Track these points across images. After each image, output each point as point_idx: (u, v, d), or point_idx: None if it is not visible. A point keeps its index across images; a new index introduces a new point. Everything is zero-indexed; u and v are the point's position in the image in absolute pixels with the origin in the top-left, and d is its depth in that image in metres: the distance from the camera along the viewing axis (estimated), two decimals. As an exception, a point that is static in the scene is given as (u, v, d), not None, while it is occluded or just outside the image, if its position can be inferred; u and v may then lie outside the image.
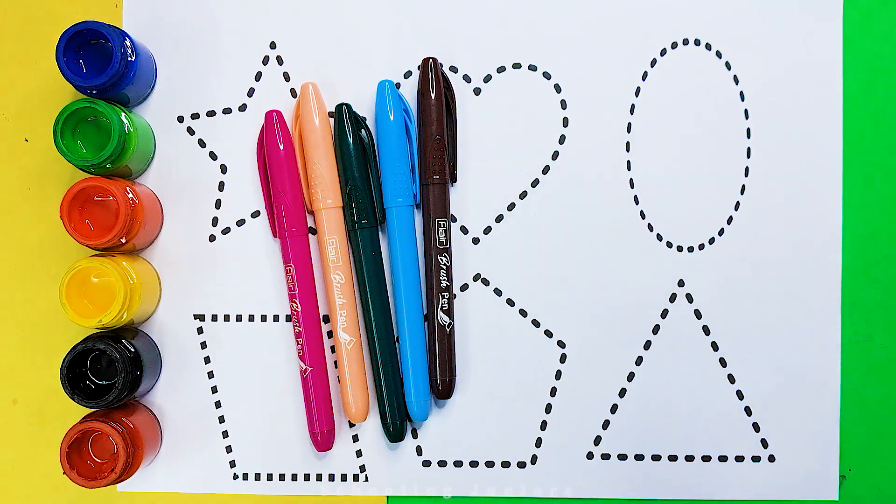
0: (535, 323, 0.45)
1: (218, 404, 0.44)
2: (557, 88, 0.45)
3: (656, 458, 0.45)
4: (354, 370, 0.43)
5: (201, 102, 0.44)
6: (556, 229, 0.45)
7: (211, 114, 0.45)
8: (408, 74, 0.45)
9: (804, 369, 0.45)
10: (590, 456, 0.45)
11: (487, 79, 0.45)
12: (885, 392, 0.45)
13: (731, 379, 0.45)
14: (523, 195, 0.45)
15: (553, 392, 0.44)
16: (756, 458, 0.45)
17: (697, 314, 0.45)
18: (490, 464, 0.45)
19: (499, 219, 0.45)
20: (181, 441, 0.44)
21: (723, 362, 0.45)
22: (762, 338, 0.45)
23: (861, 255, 0.45)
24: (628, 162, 0.45)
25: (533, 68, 0.45)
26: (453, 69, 0.45)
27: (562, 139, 0.45)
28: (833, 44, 0.45)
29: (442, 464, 0.45)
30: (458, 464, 0.45)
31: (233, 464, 0.44)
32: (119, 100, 0.42)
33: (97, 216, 0.42)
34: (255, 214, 0.45)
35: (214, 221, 0.45)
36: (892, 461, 0.45)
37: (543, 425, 0.45)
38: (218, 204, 0.45)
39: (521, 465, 0.45)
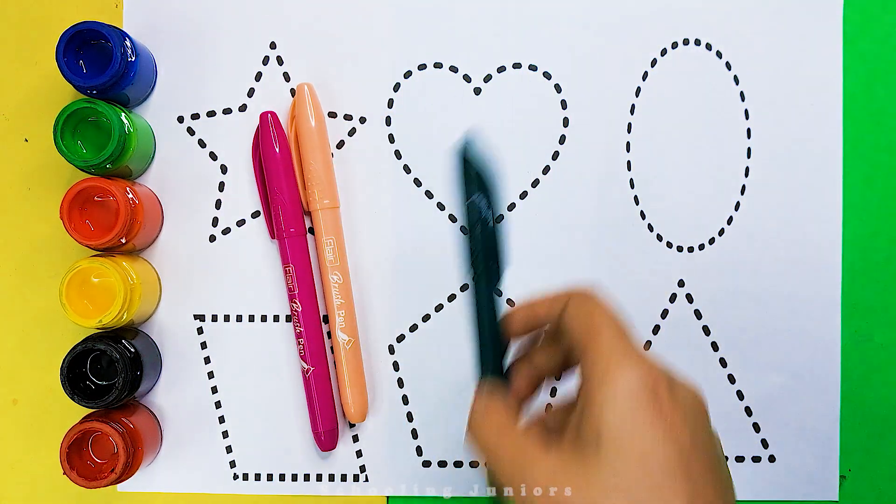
0: (536, 323, 0.45)
1: (218, 404, 0.44)
2: (558, 88, 0.45)
3: (656, 458, 0.44)
4: (353, 370, 0.43)
5: (201, 103, 0.44)
6: (556, 229, 0.45)
7: (211, 114, 0.45)
8: (408, 74, 0.45)
9: (804, 369, 0.45)
10: (590, 456, 0.44)
11: (487, 79, 0.45)
12: (885, 392, 0.45)
13: (732, 379, 0.45)
14: (523, 195, 0.45)
15: (553, 392, 0.44)
16: (756, 459, 0.45)
17: (697, 314, 0.45)
18: (490, 464, 0.45)
19: (499, 219, 0.45)
20: (181, 441, 0.44)
21: (723, 362, 0.45)
22: (762, 338, 0.45)
23: (861, 255, 0.45)
24: (628, 162, 0.45)
25: (533, 68, 0.45)
26: (453, 69, 0.45)
27: (562, 139, 0.45)
28: (833, 44, 0.45)
29: (442, 464, 0.45)
30: (458, 464, 0.45)
31: (233, 464, 0.44)
32: (119, 100, 0.42)
33: (97, 216, 0.42)
34: (256, 215, 0.45)
35: (214, 221, 0.45)
36: (892, 461, 0.45)
37: (543, 425, 0.45)
38: (218, 204, 0.45)
39: (522, 465, 0.44)
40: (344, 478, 0.44)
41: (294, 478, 0.44)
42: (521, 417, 0.32)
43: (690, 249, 0.45)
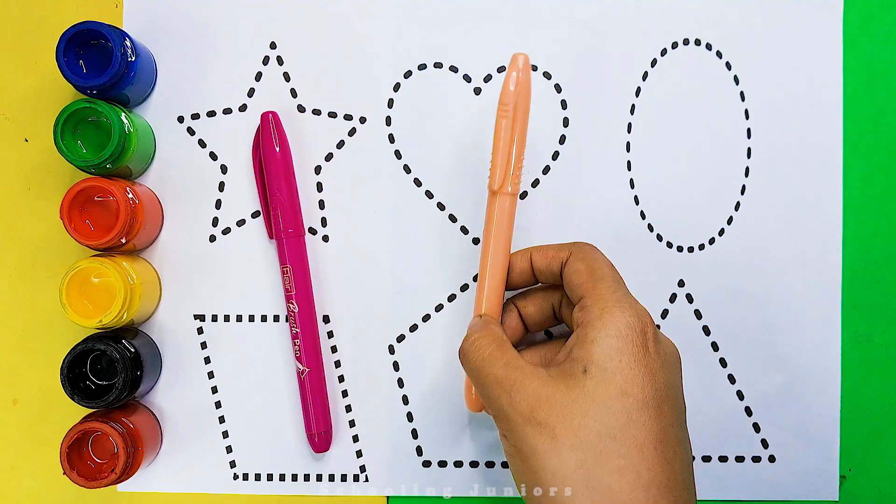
0: (536, 323, 0.45)
1: (218, 404, 0.44)
2: (558, 88, 0.45)
3: (656, 458, 0.44)
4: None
5: (201, 102, 0.45)
6: (556, 229, 0.45)
7: (211, 114, 0.45)
8: (408, 74, 0.45)
9: (804, 370, 0.45)
10: (590, 456, 0.44)
11: (487, 79, 0.45)
12: (885, 392, 0.45)
13: (732, 379, 0.45)
14: (523, 195, 0.45)
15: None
16: (756, 459, 0.45)
17: (697, 314, 0.45)
18: (490, 464, 0.45)
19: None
20: (181, 441, 0.44)
21: (723, 362, 0.45)
22: (762, 338, 0.45)
23: (861, 255, 0.45)
24: (629, 162, 0.45)
25: (533, 68, 0.45)
26: (453, 69, 0.45)
27: (562, 139, 0.45)
28: (833, 44, 0.45)
29: (442, 464, 0.45)
30: (458, 464, 0.45)
31: (233, 464, 0.44)
32: (119, 100, 0.42)
33: (97, 216, 0.42)
34: (256, 215, 0.45)
35: (215, 221, 0.45)
36: (892, 461, 0.45)
37: (543, 425, 0.44)
38: (218, 204, 0.45)
39: (522, 465, 0.44)
40: (344, 478, 0.44)
41: (294, 478, 0.44)
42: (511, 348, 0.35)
43: (690, 249, 0.45)
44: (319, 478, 0.44)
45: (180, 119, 0.45)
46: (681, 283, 0.45)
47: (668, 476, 0.30)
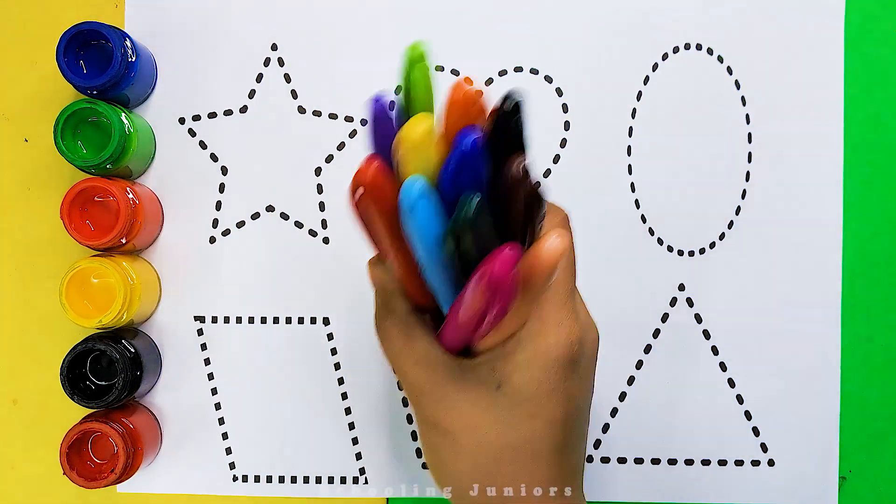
0: (536, 325, 0.45)
1: (218, 406, 0.44)
2: (559, 92, 0.45)
3: (656, 461, 0.45)
4: None
5: (202, 104, 0.44)
6: (556, 232, 0.44)
7: (212, 115, 0.44)
8: (409, 76, 0.45)
9: (804, 374, 0.45)
10: (590, 459, 0.45)
11: (489, 82, 0.45)
12: (885, 393, 0.45)
13: (731, 383, 0.45)
14: (524, 197, 0.45)
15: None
16: (756, 463, 0.45)
17: (698, 318, 0.45)
18: (489, 466, 0.45)
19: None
20: (181, 442, 0.44)
21: (723, 366, 0.45)
22: (762, 342, 0.45)
23: (861, 257, 0.45)
24: (629, 166, 0.45)
25: (534, 72, 0.45)
26: (455, 72, 0.45)
27: (563, 143, 0.45)
28: (834, 49, 0.45)
29: (441, 465, 0.45)
30: (457, 466, 0.45)
31: (233, 465, 0.44)
32: (119, 100, 0.42)
33: (97, 216, 0.42)
34: (256, 216, 0.45)
35: (215, 223, 0.45)
36: (892, 464, 0.45)
37: (543, 428, 0.45)
38: (218, 205, 0.45)
39: (521, 467, 0.45)
40: (344, 480, 0.44)
41: (294, 480, 0.44)
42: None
43: (691, 253, 0.45)
44: (319, 480, 0.44)
45: (181, 120, 0.44)
46: (681, 287, 0.45)
47: (562, 476, 0.31)
